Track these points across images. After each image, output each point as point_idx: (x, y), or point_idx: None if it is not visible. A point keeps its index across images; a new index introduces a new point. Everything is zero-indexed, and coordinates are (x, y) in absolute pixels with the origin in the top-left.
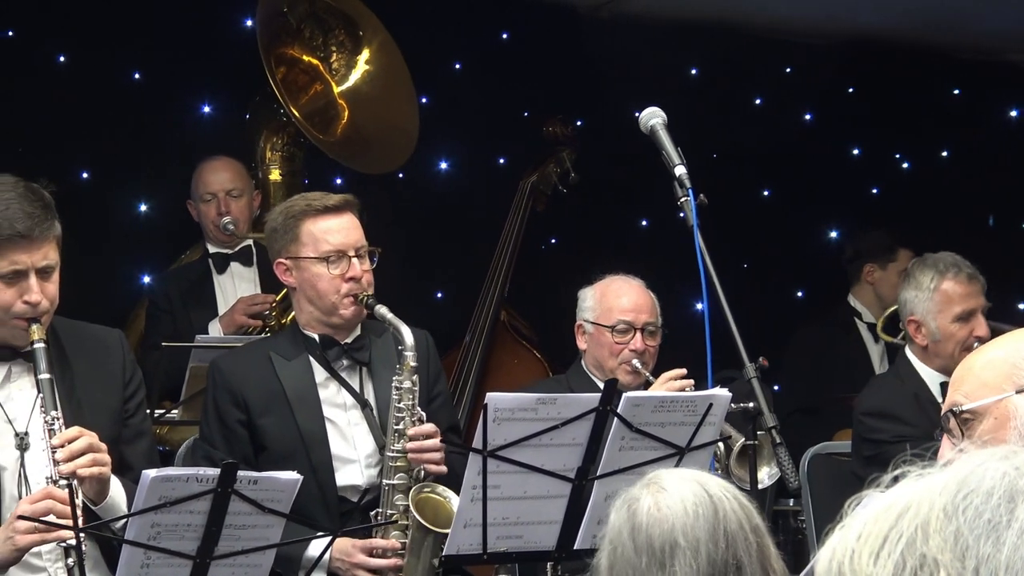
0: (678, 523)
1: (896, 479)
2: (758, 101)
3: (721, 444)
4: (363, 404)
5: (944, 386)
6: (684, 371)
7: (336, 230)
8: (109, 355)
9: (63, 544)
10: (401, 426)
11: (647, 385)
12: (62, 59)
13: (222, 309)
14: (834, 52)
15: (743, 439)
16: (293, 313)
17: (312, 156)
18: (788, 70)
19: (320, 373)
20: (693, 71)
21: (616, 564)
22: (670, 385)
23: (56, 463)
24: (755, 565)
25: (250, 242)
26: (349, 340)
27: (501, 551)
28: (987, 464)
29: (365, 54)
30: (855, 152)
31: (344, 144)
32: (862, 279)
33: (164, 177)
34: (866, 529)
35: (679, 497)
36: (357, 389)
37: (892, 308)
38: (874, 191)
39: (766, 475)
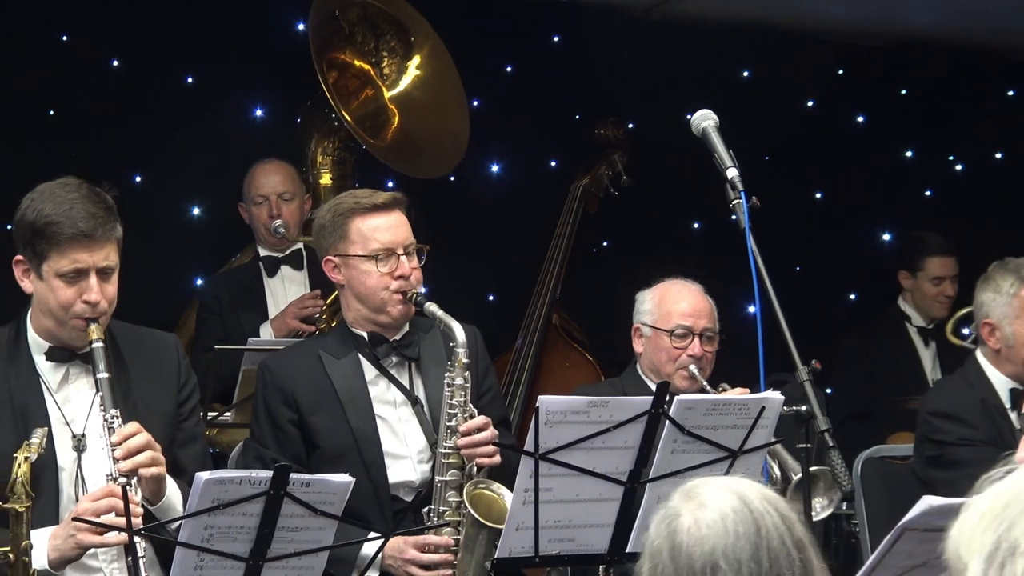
0: (719, 544)
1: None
2: (810, 103)
3: (778, 471)
4: (414, 401)
5: (1014, 392)
6: (747, 390)
7: (384, 228)
8: (164, 359)
9: (123, 532)
10: (453, 422)
11: (703, 392)
12: (115, 63)
13: (272, 312)
14: (887, 54)
15: (801, 474)
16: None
17: (363, 160)
18: (840, 72)
19: (370, 371)
20: (745, 73)
21: None
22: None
23: (116, 460)
24: None
25: (300, 245)
26: (398, 337)
27: (553, 554)
28: None
29: (416, 59)
30: (908, 154)
31: (394, 149)
32: (901, 284)
33: (217, 180)
34: (981, 511)
35: (719, 514)
36: (407, 386)
37: (964, 310)
38: (927, 193)
39: (819, 506)
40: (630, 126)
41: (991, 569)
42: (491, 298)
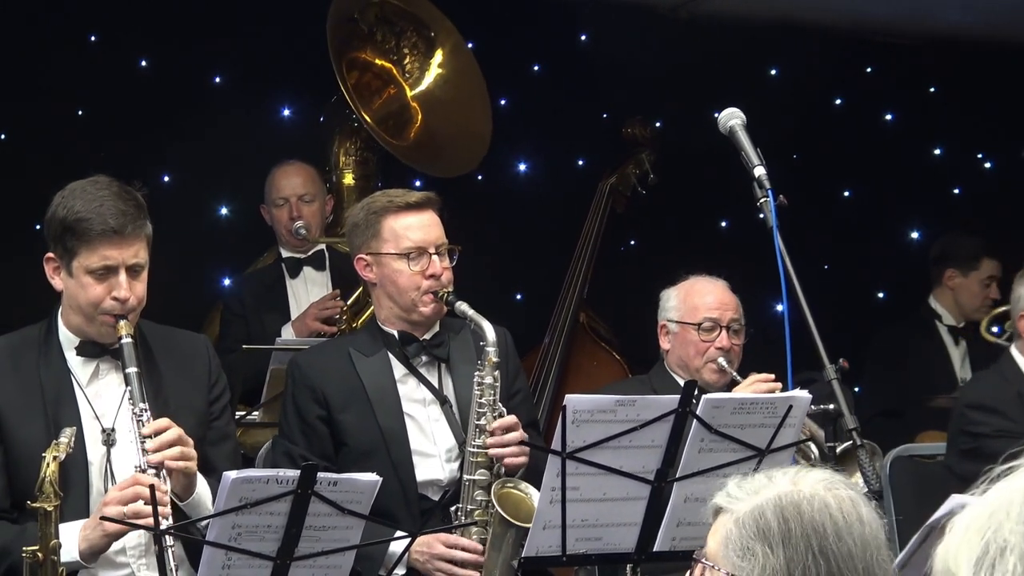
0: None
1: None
2: (838, 101)
3: (814, 447)
4: (442, 400)
5: None
6: (773, 376)
7: (417, 227)
8: (195, 358)
9: (151, 532)
10: (482, 421)
11: (733, 383)
12: (144, 63)
13: (295, 313)
14: (915, 51)
15: (829, 442)
16: (364, 317)
17: (386, 160)
18: (869, 70)
19: (399, 369)
20: (772, 71)
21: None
22: (757, 387)
23: (145, 452)
24: None
25: (323, 247)
26: (428, 336)
27: (580, 553)
28: None
29: (438, 56)
30: (937, 152)
31: (416, 148)
32: (943, 282)
33: (245, 180)
34: (966, 524)
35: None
36: (436, 385)
37: (1000, 309)
38: (956, 191)
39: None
40: (657, 125)
41: (982, 571)
42: (518, 297)
